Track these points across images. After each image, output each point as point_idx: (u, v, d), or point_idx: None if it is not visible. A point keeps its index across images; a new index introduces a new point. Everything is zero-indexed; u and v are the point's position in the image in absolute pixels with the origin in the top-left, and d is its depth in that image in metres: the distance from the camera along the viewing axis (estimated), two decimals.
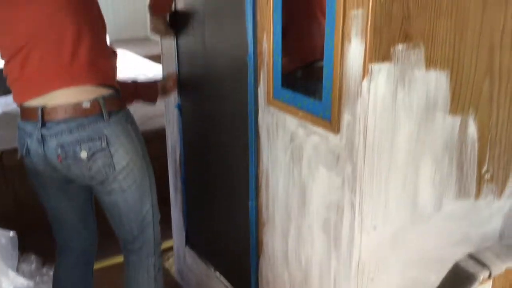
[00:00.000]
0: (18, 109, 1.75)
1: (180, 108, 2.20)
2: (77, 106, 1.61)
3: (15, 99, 1.71)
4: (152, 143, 2.12)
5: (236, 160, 1.82)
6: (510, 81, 1.04)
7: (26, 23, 1.62)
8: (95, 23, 1.70)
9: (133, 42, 5.23)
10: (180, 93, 2.18)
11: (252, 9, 1.53)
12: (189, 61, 2.06)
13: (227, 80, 1.81)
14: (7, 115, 2.95)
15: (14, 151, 1.83)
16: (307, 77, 1.60)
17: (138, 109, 2.15)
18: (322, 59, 1.43)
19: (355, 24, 1.15)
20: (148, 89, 2.11)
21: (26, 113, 1.67)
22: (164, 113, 2.40)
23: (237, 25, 1.61)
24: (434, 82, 1.10)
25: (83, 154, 1.62)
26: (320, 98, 1.33)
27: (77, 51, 1.62)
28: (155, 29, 2.05)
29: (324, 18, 1.43)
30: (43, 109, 1.62)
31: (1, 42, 1.68)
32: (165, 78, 2.19)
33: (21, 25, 1.63)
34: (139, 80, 2.07)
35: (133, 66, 4.11)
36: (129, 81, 2.03)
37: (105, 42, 1.77)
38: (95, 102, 1.63)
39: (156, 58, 4.55)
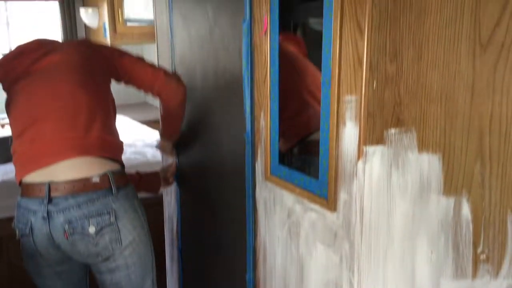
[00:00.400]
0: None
1: (178, 178, 2.23)
2: (86, 181, 1.63)
3: (18, 174, 1.71)
4: (148, 210, 2.14)
5: (234, 232, 1.83)
6: (500, 165, 1.07)
7: (45, 97, 1.68)
8: (108, 103, 1.78)
9: (130, 107, 5.30)
10: (179, 165, 2.22)
11: (250, 87, 1.59)
12: (189, 137, 2.10)
13: (225, 154, 1.85)
14: (5, 183, 2.95)
15: (10, 219, 1.83)
16: (303, 152, 1.63)
17: None
18: (316, 131, 1.49)
19: (349, 109, 1.19)
20: (151, 180, 2.15)
21: (30, 190, 1.67)
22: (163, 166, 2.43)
23: (235, 102, 1.66)
24: (427, 165, 1.14)
25: (92, 229, 1.62)
26: (316, 175, 1.36)
27: (90, 127, 1.67)
28: (161, 148, 2.17)
29: (314, 99, 1.51)
30: (49, 185, 1.63)
31: (17, 115, 1.72)
32: (165, 169, 2.24)
33: (39, 99, 1.68)
34: (142, 172, 2.13)
35: (130, 131, 4.16)
36: (133, 172, 2.07)
37: (115, 123, 1.83)
38: (104, 177, 1.66)
39: (153, 124, 4.62)
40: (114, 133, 1.79)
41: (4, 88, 1.81)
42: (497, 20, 0.98)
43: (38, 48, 1.79)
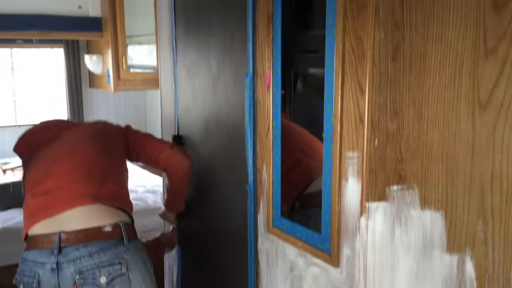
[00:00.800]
0: (17, 224, 1.76)
1: (179, 229, 2.22)
2: (98, 230, 1.64)
3: (26, 226, 1.70)
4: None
5: (235, 284, 1.81)
6: (502, 223, 1.07)
7: (63, 155, 1.76)
8: (122, 168, 1.88)
9: None
10: (180, 217, 2.21)
11: (252, 140, 1.60)
12: (190, 188, 2.11)
13: (227, 206, 1.85)
14: (5, 231, 2.94)
15: (9, 267, 1.80)
16: (303, 206, 1.64)
17: (135, 222, 2.18)
18: (311, 183, 1.51)
19: (351, 164, 1.21)
20: (155, 246, 2.16)
21: (39, 241, 1.65)
22: (164, 229, 2.42)
23: (238, 154, 1.67)
24: (430, 221, 1.14)
25: (103, 279, 1.60)
26: (317, 228, 1.36)
27: (104, 180, 1.73)
28: (164, 217, 2.21)
29: (303, 154, 1.53)
30: (60, 234, 1.62)
31: (34, 172, 1.77)
32: (165, 234, 2.26)
33: (58, 156, 1.77)
34: (144, 240, 2.14)
35: (131, 177, 4.16)
36: None
37: (127, 186, 1.90)
38: (116, 227, 1.67)
39: (153, 169, 4.63)
40: (126, 190, 1.85)
41: (23, 163, 1.91)
42: (495, 82, 1.00)
43: (60, 124, 1.95)
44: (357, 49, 1.16)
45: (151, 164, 2.02)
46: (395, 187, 1.15)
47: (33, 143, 1.87)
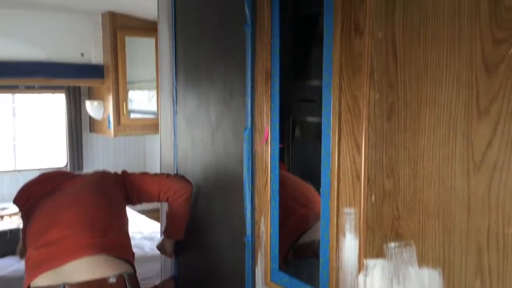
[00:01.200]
0: (14, 272, 1.74)
1: (176, 279, 2.20)
2: (103, 282, 1.63)
3: (28, 279, 1.67)
4: None
5: None
6: (500, 281, 1.07)
7: (66, 205, 1.78)
8: (123, 217, 1.90)
9: None
10: (178, 265, 2.20)
11: (251, 192, 1.61)
12: (188, 238, 2.10)
13: (225, 258, 1.84)
14: (2, 279, 2.90)
15: None
16: (298, 256, 1.63)
17: None
18: (304, 232, 1.51)
19: (349, 220, 1.21)
20: None
21: None
22: (161, 278, 2.40)
23: (236, 206, 1.68)
24: (428, 279, 1.13)
25: None
26: (314, 283, 1.35)
27: (108, 230, 1.74)
28: (162, 249, 2.22)
29: (297, 203, 1.53)
30: (64, 287, 1.61)
31: (37, 223, 1.77)
32: (163, 283, 2.25)
33: (61, 206, 1.78)
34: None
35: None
36: None
37: (129, 234, 1.90)
38: (120, 278, 1.67)
39: (151, 214, 4.60)
40: (128, 238, 1.86)
41: (24, 215, 1.92)
42: (488, 142, 1.02)
43: (60, 176, 1.98)
44: (353, 107, 1.18)
45: (154, 200, 2.04)
46: (392, 244, 1.15)
47: (34, 195, 1.88)
